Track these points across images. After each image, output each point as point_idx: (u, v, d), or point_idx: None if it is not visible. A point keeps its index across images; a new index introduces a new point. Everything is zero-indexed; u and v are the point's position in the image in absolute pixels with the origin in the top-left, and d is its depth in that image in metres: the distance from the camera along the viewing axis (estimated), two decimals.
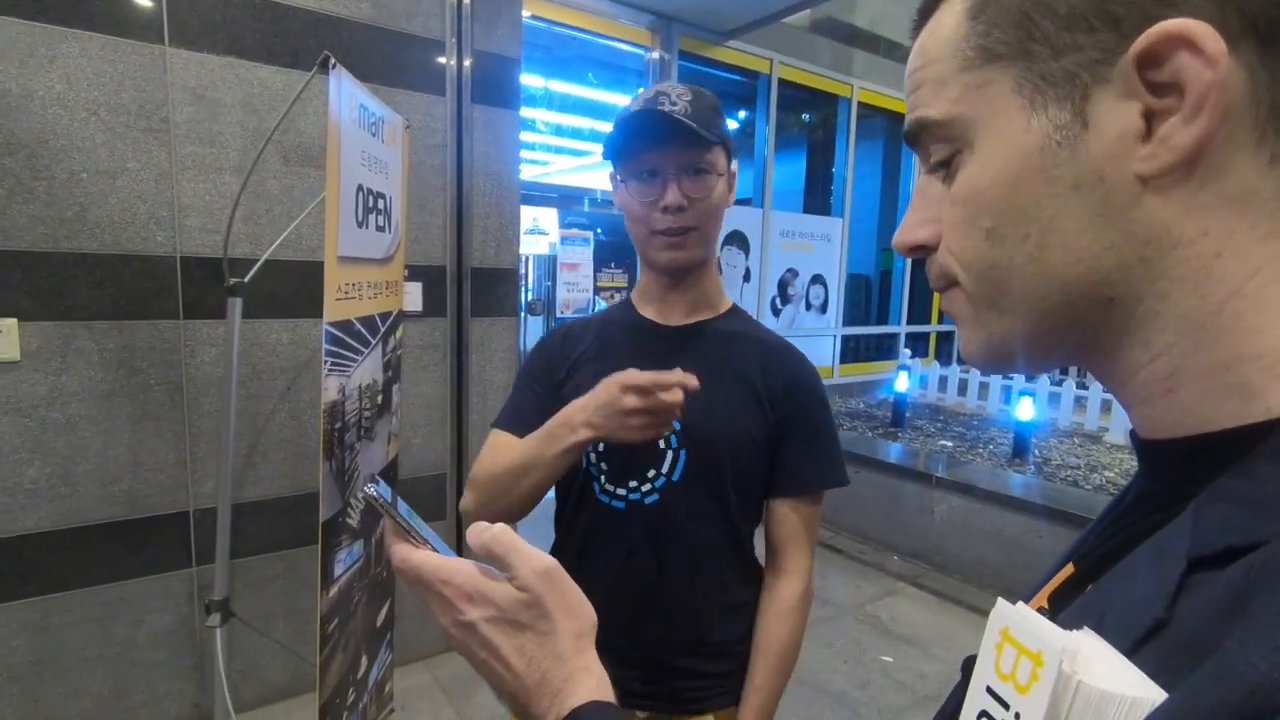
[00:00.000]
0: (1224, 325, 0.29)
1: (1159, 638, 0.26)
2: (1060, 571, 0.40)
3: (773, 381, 1.00)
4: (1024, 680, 0.27)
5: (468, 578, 0.45)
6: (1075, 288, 0.33)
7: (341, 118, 1.42)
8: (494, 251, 2.67)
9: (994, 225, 0.35)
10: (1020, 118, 0.33)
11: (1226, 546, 0.26)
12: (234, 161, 2.10)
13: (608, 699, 0.44)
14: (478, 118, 2.56)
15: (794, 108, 6.38)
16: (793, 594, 1.00)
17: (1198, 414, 0.31)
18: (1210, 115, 0.28)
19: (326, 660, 1.53)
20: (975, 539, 3.41)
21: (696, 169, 0.94)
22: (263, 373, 2.21)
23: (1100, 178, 0.31)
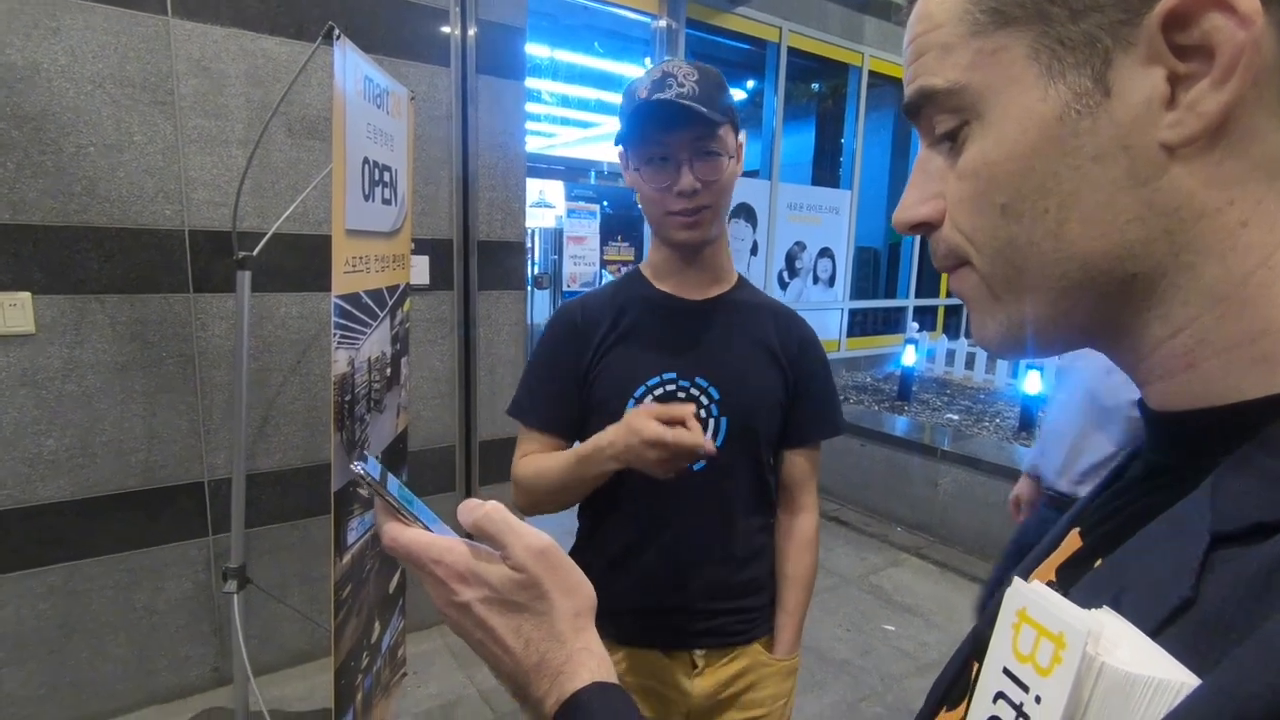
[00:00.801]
0: (1250, 297, 0.28)
1: (1185, 618, 0.25)
2: (1064, 542, 0.39)
3: (788, 345, 1.09)
4: (1045, 662, 0.26)
5: (460, 557, 0.44)
6: (1097, 263, 0.31)
7: (346, 89, 1.42)
8: (500, 224, 2.67)
9: (1009, 201, 0.33)
10: (1037, 86, 0.31)
11: (1254, 522, 0.25)
12: (240, 134, 2.10)
13: (609, 679, 0.43)
14: (483, 88, 2.54)
15: (803, 77, 6.28)
16: (810, 527, 1.15)
17: (1218, 387, 0.30)
18: (1242, 78, 0.27)
19: (340, 626, 1.57)
20: (979, 511, 3.43)
21: (708, 151, 0.96)
22: (273, 346, 2.23)
23: (1124, 147, 0.29)
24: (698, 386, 1.04)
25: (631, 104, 0.96)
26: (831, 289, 6.00)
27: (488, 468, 2.73)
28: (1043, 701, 0.25)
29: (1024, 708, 0.26)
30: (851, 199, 6.03)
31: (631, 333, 1.05)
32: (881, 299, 6.88)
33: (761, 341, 1.07)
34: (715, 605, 1.08)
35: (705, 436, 0.88)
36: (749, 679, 1.11)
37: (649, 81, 0.95)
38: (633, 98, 0.97)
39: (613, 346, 1.05)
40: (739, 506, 1.08)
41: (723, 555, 1.08)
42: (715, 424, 1.04)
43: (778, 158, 5.34)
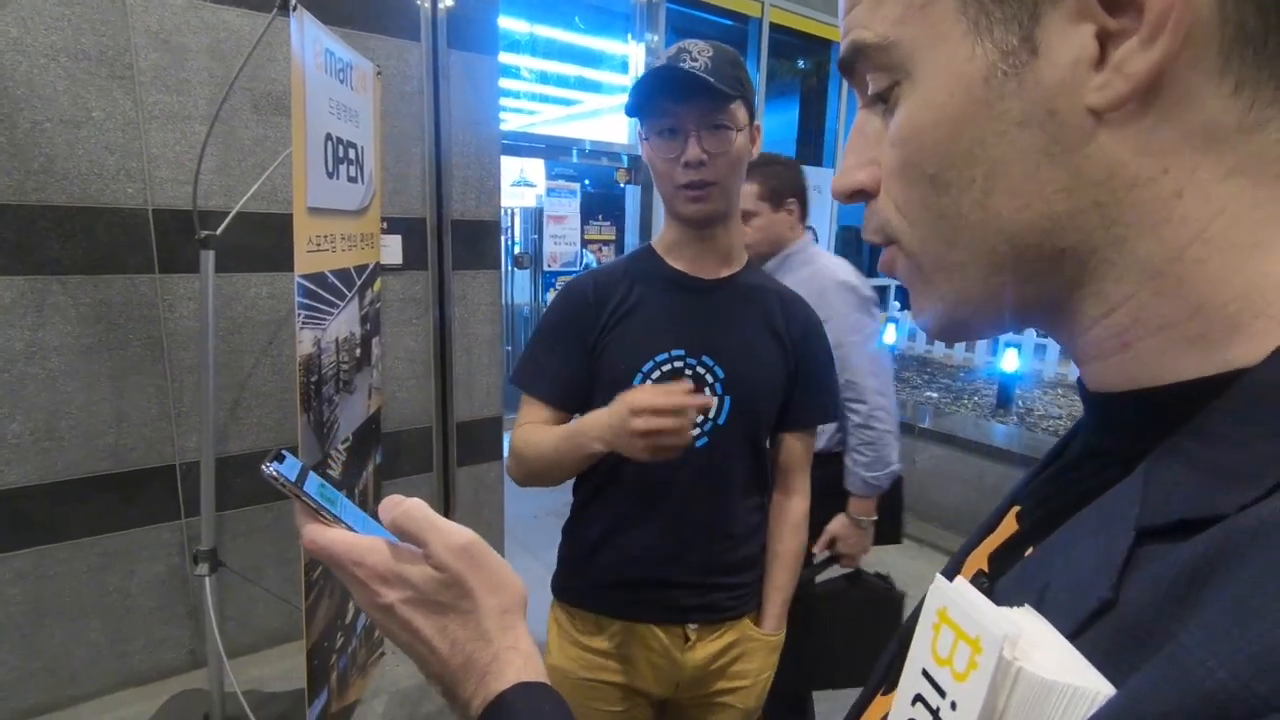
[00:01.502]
0: (1185, 272, 0.26)
1: (1105, 620, 0.24)
2: (1003, 524, 0.39)
3: (793, 328, 1.11)
4: (961, 667, 0.25)
5: (381, 558, 0.43)
6: (1024, 238, 0.29)
7: (306, 63, 1.38)
8: (475, 203, 2.63)
9: (937, 171, 0.31)
10: (964, 44, 0.29)
11: (1179, 519, 0.24)
12: (203, 110, 2.05)
13: (536, 678, 0.42)
14: (455, 64, 2.49)
15: (786, 54, 6.22)
16: (801, 510, 1.18)
17: (1154, 368, 0.28)
18: (1171, 36, 0.24)
19: (313, 607, 1.57)
20: (955, 487, 3.48)
21: (716, 124, 0.97)
22: (243, 327, 2.20)
23: (1050, 111, 0.27)
24: (704, 365, 1.05)
25: (645, 75, 0.98)
26: None
27: (465, 449, 2.72)
28: (958, 708, 0.25)
29: (940, 713, 0.26)
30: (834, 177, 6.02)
31: (642, 308, 1.06)
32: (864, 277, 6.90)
33: (768, 324, 1.09)
34: (710, 581, 1.10)
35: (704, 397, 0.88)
36: (737, 651, 1.14)
37: (665, 57, 0.96)
38: (648, 70, 0.98)
39: (622, 320, 1.06)
40: (737, 485, 1.10)
41: (719, 533, 1.10)
42: (720, 401, 1.06)
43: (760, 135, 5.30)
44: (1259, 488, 0.22)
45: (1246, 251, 0.25)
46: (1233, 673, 0.18)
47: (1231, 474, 0.23)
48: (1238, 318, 0.26)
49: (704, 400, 0.91)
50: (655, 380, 1.04)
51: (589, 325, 1.06)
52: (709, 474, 1.07)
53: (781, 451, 1.17)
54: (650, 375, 1.04)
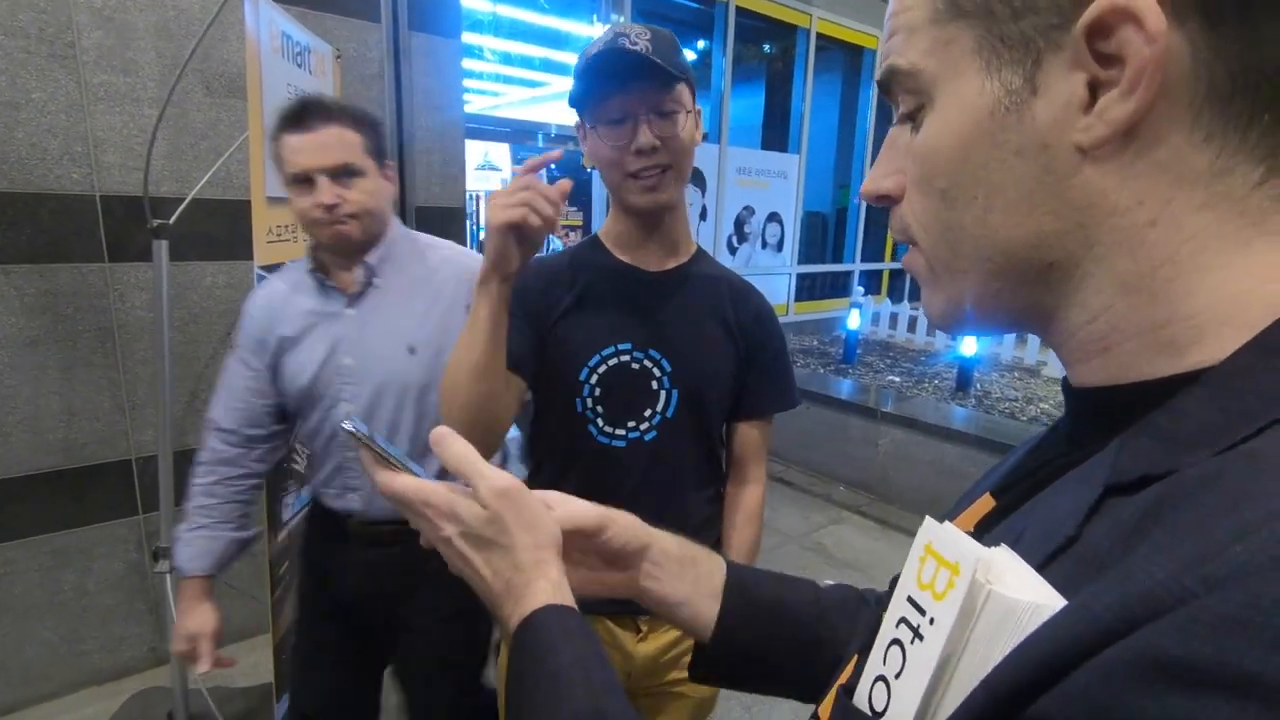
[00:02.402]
0: (1157, 289, 0.30)
1: (1067, 554, 0.28)
2: (977, 504, 0.42)
3: (743, 318, 1.09)
4: (941, 589, 0.29)
5: (443, 498, 0.50)
6: (1016, 251, 0.34)
7: (261, 45, 1.34)
8: (439, 189, 2.59)
9: (947, 186, 0.35)
10: (976, 79, 0.33)
11: (1141, 475, 0.27)
12: (152, 92, 1.97)
13: (564, 601, 0.48)
14: (416, 46, 2.43)
15: (752, 39, 6.22)
16: (756, 500, 1.16)
17: (1130, 369, 0.32)
18: (1145, 92, 0.28)
19: (278, 601, 1.56)
20: (916, 469, 3.57)
21: (664, 109, 0.95)
22: (199, 317, 2.14)
23: (1043, 145, 0.31)
24: (650, 359, 1.04)
25: (583, 64, 0.95)
26: (780, 254, 6.06)
27: None
28: (936, 623, 0.28)
29: (920, 629, 0.29)
30: (800, 164, 6.06)
31: (589, 302, 1.04)
32: (829, 264, 6.99)
33: (717, 314, 1.08)
34: None
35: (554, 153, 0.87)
36: (688, 642, 1.13)
37: (601, 43, 0.93)
38: (585, 58, 0.95)
39: (568, 313, 1.04)
40: (689, 477, 1.09)
41: (672, 526, 1.08)
42: (667, 395, 1.05)
43: (726, 121, 5.31)
44: (1209, 451, 0.26)
45: (1211, 273, 0.29)
46: (1168, 573, 0.22)
47: (1187, 441, 0.27)
48: (1203, 328, 0.29)
49: (553, 155, 0.85)
50: (601, 375, 1.03)
51: (539, 310, 1.03)
52: (659, 467, 1.06)
53: (736, 441, 1.16)
54: (597, 370, 1.03)
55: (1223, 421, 0.26)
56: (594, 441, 1.05)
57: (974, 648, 0.27)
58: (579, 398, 1.03)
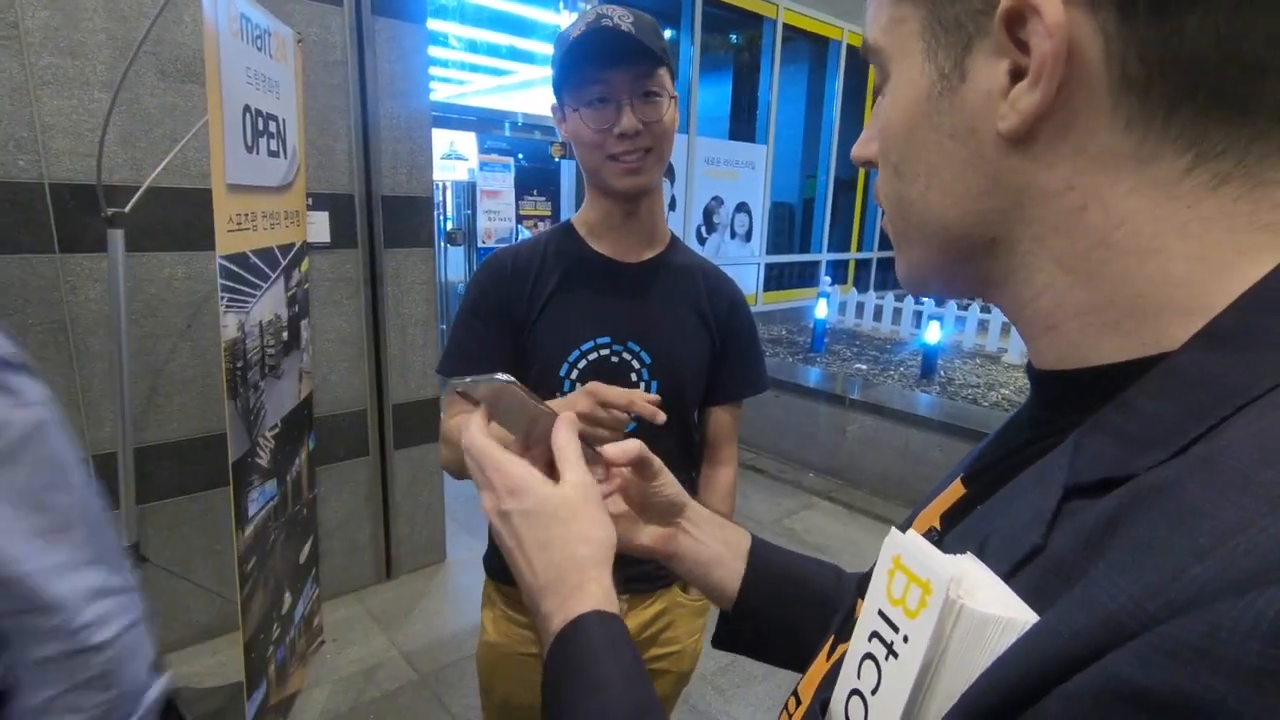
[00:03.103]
0: (1093, 270, 0.30)
1: (1034, 563, 0.27)
2: (950, 489, 0.42)
3: (717, 307, 1.11)
4: (913, 605, 0.28)
5: (517, 471, 0.50)
6: (955, 228, 0.34)
7: (220, 29, 1.30)
8: (406, 178, 2.55)
9: (898, 162, 0.36)
10: (919, 61, 0.34)
11: (1101, 478, 0.27)
12: (103, 76, 1.90)
13: (612, 609, 0.47)
14: (380, 31, 2.38)
15: (719, 28, 6.22)
16: (729, 481, 1.19)
17: (1080, 349, 0.32)
18: (1048, 83, 0.28)
19: (247, 599, 1.53)
20: (883, 455, 3.65)
21: (647, 91, 0.94)
22: (158, 310, 2.07)
23: (971, 130, 0.32)
24: (630, 351, 1.05)
25: (565, 44, 0.93)
26: (748, 244, 6.10)
27: (402, 432, 2.66)
28: (910, 641, 0.28)
29: (894, 646, 0.29)
30: (767, 154, 6.09)
31: (566, 296, 1.04)
32: (796, 254, 7.06)
33: (692, 304, 1.09)
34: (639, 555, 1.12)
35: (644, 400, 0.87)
36: (667, 619, 1.16)
37: (583, 24, 0.92)
38: (566, 39, 0.93)
39: (545, 307, 1.04)
40: (669, 465, 1.10)
41: None
42: (646, 387, 1.06)
43: (695, 111, 5.31)
44: (1165, 451, 0.26)
45: (1145, 256, 0.29)
46: (1130, 597, 0.22)
47: (1142, 440, 0.27)
48: (1145, 310, 0.30)
49: (650, 408, 0.87)
50: (582, 369, 1.03)
51: (512, 304, 1.04)
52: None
53: (709, 425, 1.18)
54: (577, 365, 1.03)
55: (1174, 419, 0.27)
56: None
57: (948, 664, 0.27)
58: (560, 392, 1.04)
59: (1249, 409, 0.25)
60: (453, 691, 2.15)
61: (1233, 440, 0.24)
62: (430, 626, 2.47)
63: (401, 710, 2.07)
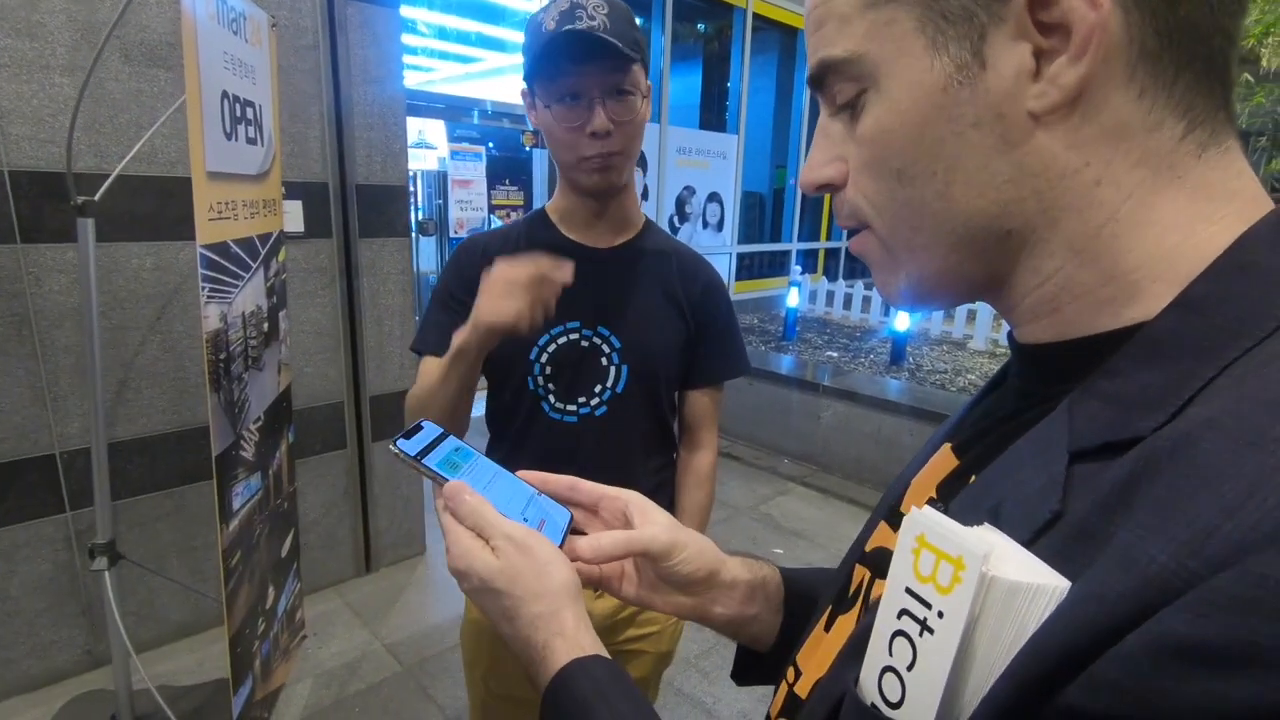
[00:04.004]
0: (1101, 247, 0.32)
1: (1055, 529, 0.28)
2: (938, 458, 0.44)
3: (691, 290, 1.11)
4: (945, 582, 0.29)
5: (457, 551, 0.50)
6: (978, 221, 0.35)
7: (197, 12, 1.27)
8: (380, 167, 2.51)
9: (903, 166, 0.36)
10: (924, 58, 0.34)
11: (1103, 442, 0.29)
12: (63, 59, 1.83)
13: (585, 651, 0.46)
14: (353, 15, 2.34)
15: (690, 17, 6.22)
16: (707, 464, 1.19)
17: (1075, 325, 0.34)
18: (1094, 55, 0.30)
19: (232, 593, 1.51)
20: (856, 440, 3.72)
21: (620, 90, 0.94)
22: (126, 302, 2.01)
23: (998, 115, 0.32)
24: (599, 336, 1.05)
25: (538, 36, 0.92)
26: (720, 233, 6.13)
27: (380, 424, 2.64)
28: (946, 616, 0.29)
29: (928, 622, 0.30)
30: (738, 144, 6.13)
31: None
32: (767, 243, 7.12)
33: (665, 288, 1.09)
34: None
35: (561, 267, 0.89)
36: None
37: (556, 12, 0.90)
38: (539, 30, 0.92)
39: None
40: (640, 447, 1.12)
41: None
42: (616, 371, 1.06)
43: (666, 100, 5.31)
44: (1164, 413, 0.28)
45: (1145, 229, 0.32)
46: (1171, 555, 0.23)
47: (1139, 404, 0.29)
48: (1139, 283, 0.32)
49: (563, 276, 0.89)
50: (551, 354, 1.04)
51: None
52: (610, 441, 1.08)
53: (688, 408, 1.18)
54: (546, 349, 1.04)
55: (1165, 382, 0.28)
56: (546, 417, 1.07)
57: (983, 635, 0.28)
58: (530, 376, 1.05)
59: (1233, 368, 0.27)
60: (437, 682, 2.15)
61: (1232, 400, 0.26)
62: (412, 619, 2.46)
63: (386, 702, 2.06)
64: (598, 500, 0.61)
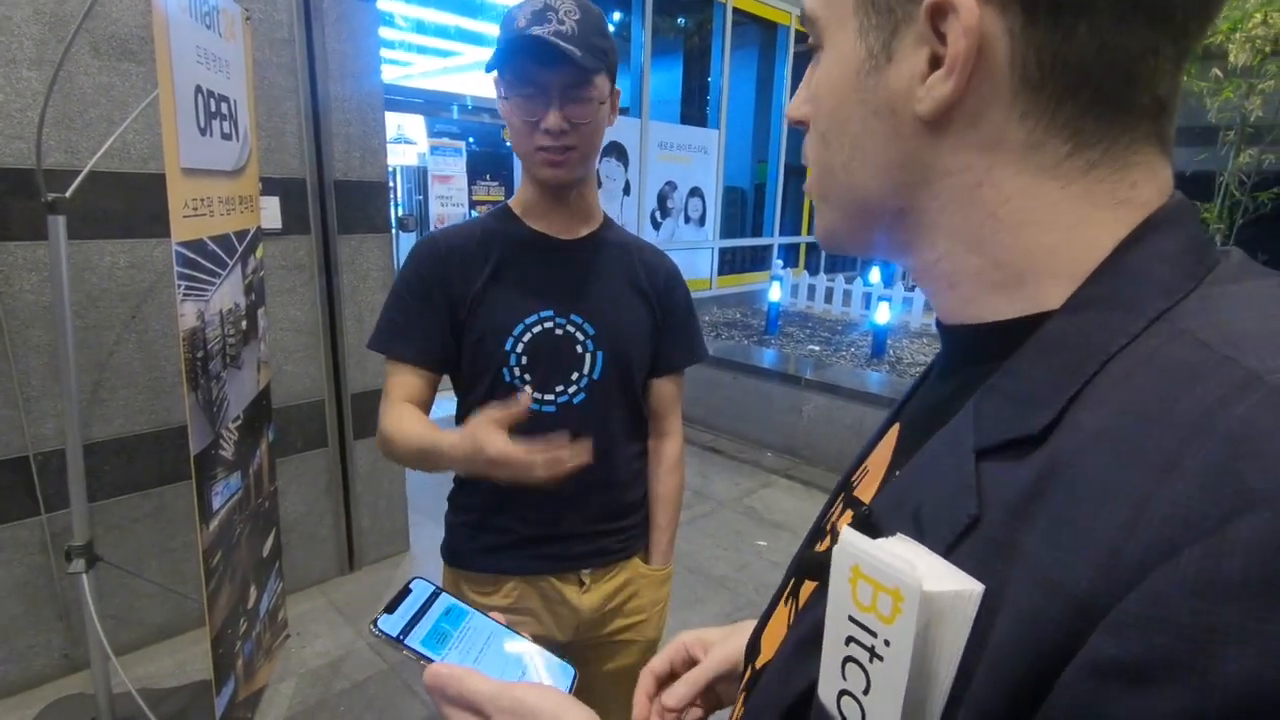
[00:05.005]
0: (983, 239, 0.34)
1: (973, 536, 0.29)
2: (885, 440, 0.46)
3: (655, 280, 1.14)
4: (886, 612, 0.30)
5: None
6: (872, 197, 0.38)
7: (169, 6, 1.25)
8: (359, 162, 2.48)
9: (825, 130, 0.39)
10: (852, 36, 0.35)
11: (1004, 440, 0.30)
12: (30, 53, 1.79)
13: None
14: (329, 8, 2.31)
15: (670, 11, 6.21)
16: (676, 450, 1.22)
17: (976, 305, 0.36)
18: (959, 77, 0.32)
19: (214, 594, 1.50)
20: (838, 432, 3.76)
21: (579, 96, 0.96)
22: (99, 300, 1.98)
23: (892, 109, 0.35)
24: (573, 323, 1.06)
25: (509, 31, 0.94)
26: (702, 228, 6.15)
27: (361, 421, 2.62)
28: (892, 644, 0.30)
29: (876, 650, 0.31)
30: (719, 138, 6.14)
31: (506, 274, 1.05)
32: (748, 238, 7.15)
33: (630, 277, 1.12)
34: (599, 528, 1.14)
35: (563, 449, 0.85)
36: (630, 589, 1.20)
37: (529, 11, 0.92)
38: (510, 26, 0.94)
39: (487, 288, 1.04)
40: (618, 435, 1.13)
41: (605, 482, 1.13)
42: (592, 358, 1.07)
43: (647, 95, 5.30)
44: (1050, 410, 0.29)
45: (1024, 228, 0.34)
46: (1089, 580, 0.24)
47: (1030, 400, 0.30)
48: (1024, 274, 0.34)
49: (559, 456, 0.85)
50: (527, 343, 1.04)
51: (449, 283, 1.04)
52: (590, 428, 1.08)
53: (653, 396, 1.19)
54: (521, 339, 1.04)
55: (1050, 379, 0.30)
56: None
57: (930, 652, 0.29)
58: (506, 367, 1.05)
59: (1110, 365, 0.29)
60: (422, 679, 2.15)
61: (1115, 410, 0.27)
62: None
63: (371, 699, 2.06)
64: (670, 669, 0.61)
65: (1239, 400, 0.24)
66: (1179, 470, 0.24)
